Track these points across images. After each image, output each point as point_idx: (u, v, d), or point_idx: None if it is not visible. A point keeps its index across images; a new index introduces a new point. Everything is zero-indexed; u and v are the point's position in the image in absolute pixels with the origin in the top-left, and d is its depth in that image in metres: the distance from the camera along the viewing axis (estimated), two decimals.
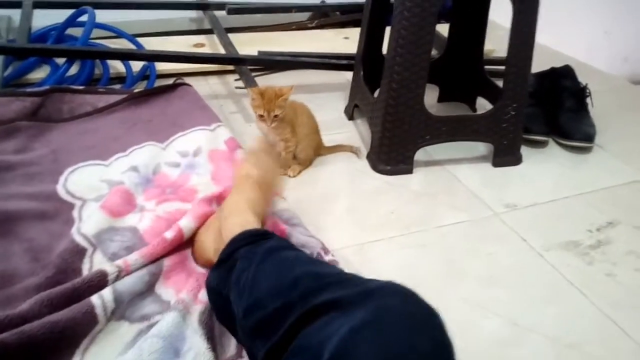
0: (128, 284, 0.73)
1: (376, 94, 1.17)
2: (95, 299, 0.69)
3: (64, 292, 0.69)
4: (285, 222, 0.89)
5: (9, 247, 0.82)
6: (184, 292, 0.73)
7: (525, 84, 1.14)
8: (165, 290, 0.76)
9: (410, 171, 1.14)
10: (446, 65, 1.39)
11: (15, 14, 1.53)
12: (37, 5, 1.45)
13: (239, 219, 0.77)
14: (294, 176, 1.09)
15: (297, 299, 0.57)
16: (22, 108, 1.13)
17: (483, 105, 1.36)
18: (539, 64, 1.24)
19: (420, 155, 1.15)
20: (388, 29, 1.12)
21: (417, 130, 1.11)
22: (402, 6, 1.02)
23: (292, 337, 0.54)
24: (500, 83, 1.16)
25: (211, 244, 0.80)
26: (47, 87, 1.22)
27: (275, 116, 1.01)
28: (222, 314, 0.71)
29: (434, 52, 1.38)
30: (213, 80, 1.52)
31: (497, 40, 1.38)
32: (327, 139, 1.19)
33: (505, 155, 1.17)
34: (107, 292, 0.70)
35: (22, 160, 1.01)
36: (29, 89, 1.21)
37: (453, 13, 1.36)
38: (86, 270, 0.78)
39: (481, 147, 1.22)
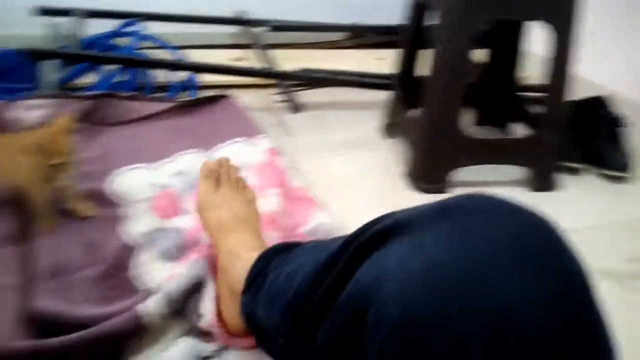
0: (174, 288, 0.74)
1: (414, 113, 1.20)
2: (142, 307, 0.71)
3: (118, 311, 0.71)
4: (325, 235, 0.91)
5: (63, 239, 0.85)
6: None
7: (562, 111, 1.16)
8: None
9: (443, 191, 1.15)
10: (484, 90, 1.41)
11: (66, 22, 1.59)
12: (89, 15, 1.51)
13: (247, 253, 0.67)
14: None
15: (339, 252, 0.45)
16: (76, 110, 1.17)
17: (519, 130, 1.37)
18: (576, 93, 1.25)
19: (456, 176, 1.16)
20: (425, 51, 1.15)
21: (454, 151, 1.13)
22: (442, 30, 1.06)
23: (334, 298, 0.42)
24: (536, 109, 1.18)
25: (232, 310, 0.67)
26: (99, 92, 1.27)
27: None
28: (259, 338, 0.62)
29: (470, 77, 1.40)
30: (251, 93, 1.55)
31: (533, 67, 1.40)
32: (362, 157, 1.22)
33: (541, 180, 1.18)
34: (155, 299, 0.72)
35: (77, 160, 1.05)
36: (82, 93, 1.26)
37: (490, 39, 1.39)
38: (134, 267, 0.81)
39: (517, 172, 1.23)
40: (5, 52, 1.34)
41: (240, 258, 0.67)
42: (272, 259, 0.61)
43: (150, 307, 0.71)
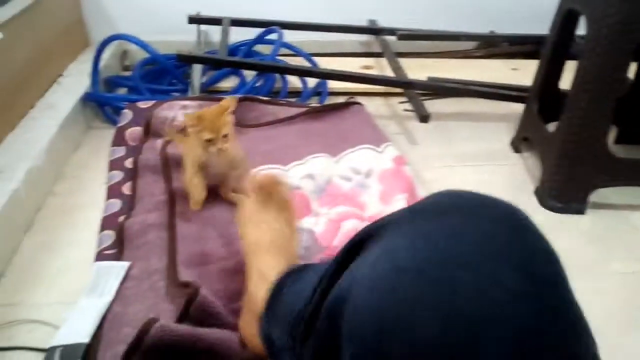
0: None
1: (551, 127, 1.14)
2: None
3: None
4: None
5: (205, 231, 0.94)
6: None
7: None
8: None
9: (582, 211, 1.08)
10: (630, 105, 1.30)
11: (215, 30, 1.73)
12: (234, 23, 1.64)
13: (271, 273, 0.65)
14: None
15: (332, 262, 0.44)
16: None
17: None
18: None
19: (594, 196, 1.09)
20: (568, 63, 1.08)
21: (595, 170, 1.06)
22: (596, 41, 0.99)
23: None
24: None
25: (254, 329, 0.66)
26: (239, 95, 1.37)
27: (225, 135, 0.92)
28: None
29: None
30: (378, 101, 1.58)
31: None
32: (489, 170, 1.19)
33: None
34: None
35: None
36: (225, 96, 1.37)
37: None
38: None
39: None
40: (161, 56, 1.50)
41: (267, 281, 0.65)
42: (285, 281, 0.61)
43: None
